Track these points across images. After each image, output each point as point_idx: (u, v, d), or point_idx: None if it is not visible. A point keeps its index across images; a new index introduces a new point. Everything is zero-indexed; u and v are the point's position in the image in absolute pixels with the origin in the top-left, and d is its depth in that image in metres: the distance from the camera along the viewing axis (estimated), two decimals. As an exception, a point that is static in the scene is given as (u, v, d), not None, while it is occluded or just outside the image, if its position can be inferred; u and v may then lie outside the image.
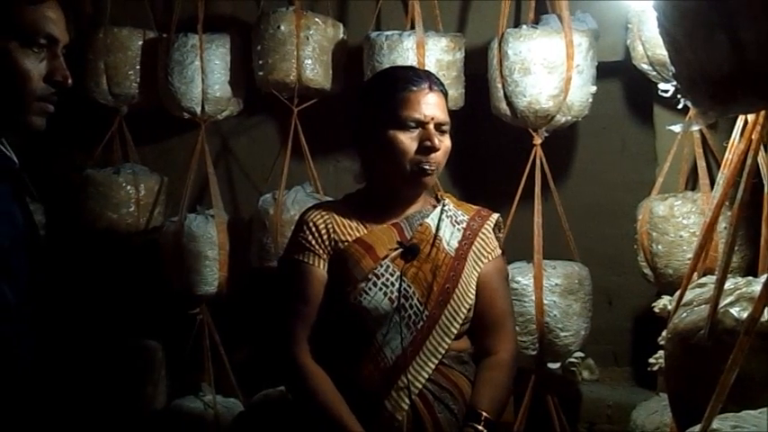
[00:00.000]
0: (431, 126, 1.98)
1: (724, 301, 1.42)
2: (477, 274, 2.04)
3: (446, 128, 2.01)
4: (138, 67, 3.48)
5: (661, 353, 2.60)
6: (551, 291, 2.87)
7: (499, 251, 2.11)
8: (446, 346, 1.96)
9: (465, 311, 2.00)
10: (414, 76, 2.04)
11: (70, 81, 1.50)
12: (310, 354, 1.97)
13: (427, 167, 1.97)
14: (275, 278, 2.17)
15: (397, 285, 1.96)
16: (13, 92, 1.44)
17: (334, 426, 1.88)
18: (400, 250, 2.00)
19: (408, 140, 1.97)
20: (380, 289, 1.96)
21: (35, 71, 1.45)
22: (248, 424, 3.24)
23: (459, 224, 2.07)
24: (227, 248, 3.32)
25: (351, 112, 2.12)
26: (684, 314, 1.51)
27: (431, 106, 1.98)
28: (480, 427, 1.92)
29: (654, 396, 2.88)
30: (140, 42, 3.49)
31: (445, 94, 2.07)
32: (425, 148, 1.96)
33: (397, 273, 1.97)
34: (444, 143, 2.00)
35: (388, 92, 2.01)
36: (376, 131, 2.00)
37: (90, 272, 3.51)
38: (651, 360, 2.67)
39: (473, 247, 2.05)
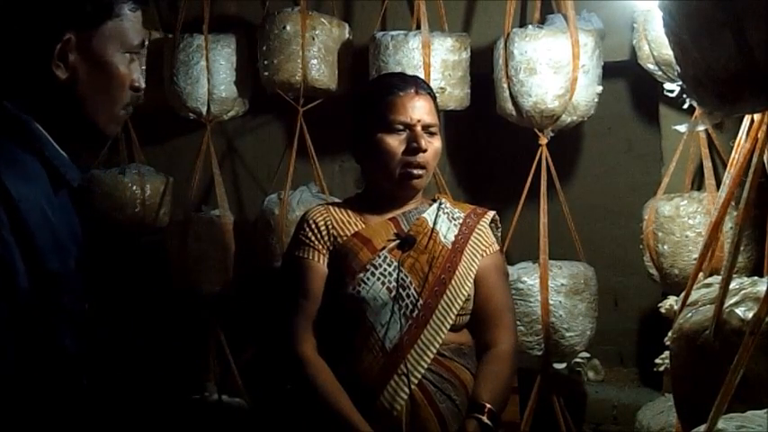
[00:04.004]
0: (417, 128, 2.05)
1: (729, 301, 1.42)
2: (475, 269, 2.08)
3: (434, 130, 2.09)
4: (143, 67, 3.48)
5: (667, 353, 2.60)
6: (557, 291, 2.86)
7: (497, 247, 2.16)
8: (443, 336, 1.99)
9: (461, 302, 2.03)
10: (400, 81, 2.14)
11: (143, 85, 1.49)
12: (314, 347, 2.01)
13: (414, 170, 2.05)
14: (278, 276, 2.20)
15: (394, 275, 2.00)
16: (111, 99, 1.42)
17: (337, 419, 1.91)
18: (397, 241, 2.06)
19: (396, 143, 2.05)
20: (378, 279, 2.00)
21: (129, 77, 1.44)
22: (253, 424, 3.25)
23: (455, 220, 2.13)
24: (233, 249, 3.33)
25: (347, 118, 2.20)
26: (690, 314, 1.51)
27: (417, 109, 2.06)
28: (484, 419, 1.95)
29: (660, 396, 2.87)
30: (146, 42, 3.49)
31: (434, 97, 2.15)
32: (412, 149, 2.04)
33: (395, 263, 2.02)
34: (433, 144, 2.08)
35: (377, 97, 2.11)
36: (366, 135, 2.08)
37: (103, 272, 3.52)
38: (657, 360, 2.67)
39: (470, 242, 2.10)
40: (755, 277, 1.53)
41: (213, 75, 3.29)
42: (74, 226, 1.47)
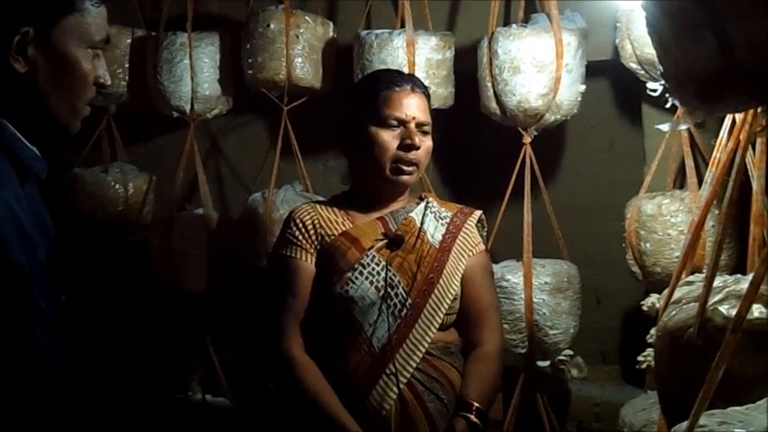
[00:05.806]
0: (412, 125, 2.06)
1: (713, 299, 1.42)
2: (462, 268, 2.08)
3: (427, 128, 2.10)
4: (126, 65, 3.46)
5: (649, 351, 2.62)
6: (540, 289, 2.87)
7: (483, 247, 2.17)
8: (432, 336, 1.99)
9: (449, 302, 2.03)
10: (397, 78, 2.15)
11: (109, 82, 1.47)
12: (302, 347, 2.00)
13: (406, 166, 2.05)
14: (265, 275, 2.19)
15: (383, 274, 2.00)
16: (73, 94, 1.41)
17: (326, 419, 1.90)
18: (385, 241, 2.06)
19: (390, 138, 2.05)
20: (366, 278, 2.00)
21: (92, 73, 1.42)
22: (237, 424, 3.24)
23: (442, 219, 2.13)
24: (217, 248, 3.32)
25: (338, 112, 2.19)
26: (674, 312, 1.52)
27: (412, 106, 2.07)
28: (472, 417, 1.95)
29: (642, 394, 2.89)
30: (129, 41, 3.47)
31: (428, 97, 2.15)
32: (406, 146, 2.04)
33: (383, 262, 2.01)
34: (425, 143, 2.09)
35: (372, 91, 2.10)
36: (359, 129, 2.08)
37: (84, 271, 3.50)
38: (639, 358, 2.69)
39: (457, 242, 2.10)
40: (739, 275, 1.54)
41: (197, 73, 3.28)
42: (43, 218, 1.46)
